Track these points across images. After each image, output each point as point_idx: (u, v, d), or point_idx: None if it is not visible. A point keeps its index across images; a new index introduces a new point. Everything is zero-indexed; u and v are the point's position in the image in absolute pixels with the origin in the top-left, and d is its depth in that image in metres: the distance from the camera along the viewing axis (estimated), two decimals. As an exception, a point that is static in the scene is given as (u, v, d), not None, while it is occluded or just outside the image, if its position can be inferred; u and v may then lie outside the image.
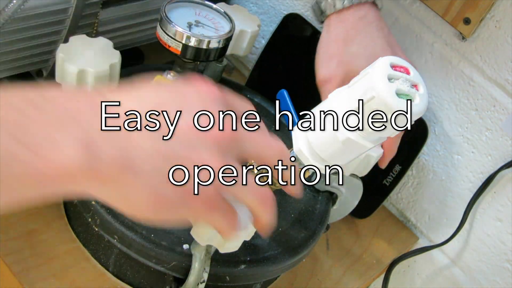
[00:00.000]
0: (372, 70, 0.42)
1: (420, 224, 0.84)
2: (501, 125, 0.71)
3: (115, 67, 0.56)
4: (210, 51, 0.58)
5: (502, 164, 0.71)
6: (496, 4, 0.66)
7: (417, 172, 0.81)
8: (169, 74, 0.60)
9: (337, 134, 0.44)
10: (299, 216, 0.63)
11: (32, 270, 0.56)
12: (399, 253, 0.80)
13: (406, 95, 0.42)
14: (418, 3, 0.73)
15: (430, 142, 0.78)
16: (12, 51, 0.59)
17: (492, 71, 0.70)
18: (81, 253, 0.59)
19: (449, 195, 0.79)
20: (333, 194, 0.67)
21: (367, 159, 0.59)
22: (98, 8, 0.63)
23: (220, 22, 0.61)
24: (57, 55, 0.54)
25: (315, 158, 0.47)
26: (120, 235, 0.53)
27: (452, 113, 0.75)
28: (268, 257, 0.57)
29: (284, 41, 0.84)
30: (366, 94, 0.42)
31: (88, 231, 0.58)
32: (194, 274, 0.51)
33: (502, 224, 0.74)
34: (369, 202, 0.78)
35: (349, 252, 0.76)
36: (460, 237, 0.78)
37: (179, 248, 0.53)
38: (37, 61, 0.64)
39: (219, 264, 0.53)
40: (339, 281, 0.72)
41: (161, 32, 0.57)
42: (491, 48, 0.69)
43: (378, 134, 0.44)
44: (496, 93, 0.70)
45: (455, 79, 0.73)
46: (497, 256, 0.76)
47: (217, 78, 0.74)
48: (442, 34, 0.73)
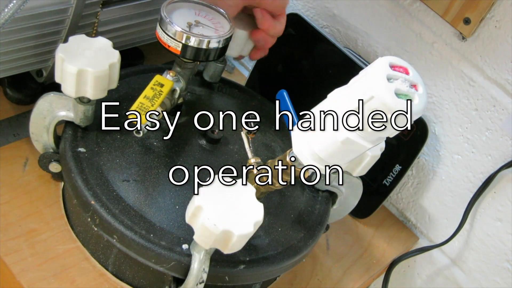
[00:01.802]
0: (371, 70, 0.42)
1: (420, 224, 0.84)
2: (501, 125, 0.71)
3: (115, 67, 0.56)
4: (210, 51, 0.58)
5: (502, 164, 0.71)
6: (496, 4, 0.66)
7: (417, 172, 0.81)
8: (168, 74, 0.60)
9: (336, 134, 0.45)
10: (299, 216, 0.63)
11: (32, 270, 0.56)
12: (399, 253, 0.80)
13: (405, 95, 0.42)
14: (418, 3, 0.73)
15: (430, 142, 0.78)
16: (12, 51, 0.59)
17: (492, 71, 0.70)
18: (81, 253, 0.59)
19: (449, 195, 0.79)
20: (333, 194, 0.67)
21: (368, 159, 0.59)
22: (98, 8, 0.63)
23: (220, 22, 0.61)
24: (57, 55, 0.54)
25: (315, 158, 0.47)
26: (120, 235, 0.53)
27: (452, 113, 0.75)
28: (268, 257, 0.57)
29: (284, 41, 0.84)
30: (366, 94, 0.42)
31: (88, 231, 0.58)
32: (193, 274, 0.51)
33: (502, 224, 0.74)
34: (369, 202, 0.78)
35: (349, 252, 0.76)
36: (460, 237, 0.78)
37: (178, 248, 0.53)
38: (37, 61, 0.64)
39: (218, 264, 0.53)
40: (339, 281, 0.72)
41: (161, 32, 0.57)
42: (491, 48, 0.69)
43: (378, 134, 0.44)
44: (496, 93, 0.70)
45: (455, 79, 0.73)
46: (497, 256, 0.76)
47: (217, 78, 0.74)
48: (442, 34, 0.73)
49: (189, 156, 0.62)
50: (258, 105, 0.75)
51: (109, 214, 0.53)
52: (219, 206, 0.47)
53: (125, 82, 0.67)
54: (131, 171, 0.58)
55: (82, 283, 0.57)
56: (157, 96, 0.56)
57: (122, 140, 0.60)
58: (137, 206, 0.55)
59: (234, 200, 0.48)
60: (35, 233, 0.59)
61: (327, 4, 0.84)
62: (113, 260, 0.58)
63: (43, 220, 0.61)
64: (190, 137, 0.64)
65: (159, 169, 0.59)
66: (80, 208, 0.55)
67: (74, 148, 0.58)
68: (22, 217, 0.60)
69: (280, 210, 0.62)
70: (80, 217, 0.59)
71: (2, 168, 0.63)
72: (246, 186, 0.50)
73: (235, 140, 0.66)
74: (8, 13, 0.49)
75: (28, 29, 0.58)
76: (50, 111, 0.59)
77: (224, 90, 0.75)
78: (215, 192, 0.48)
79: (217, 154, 0.64)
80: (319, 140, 0.46)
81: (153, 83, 0.57)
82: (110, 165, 0.58)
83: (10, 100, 0.70)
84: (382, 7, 0.78)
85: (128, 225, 0.53)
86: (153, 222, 0.54)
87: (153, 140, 0.62)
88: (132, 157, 0.59)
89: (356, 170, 0.61)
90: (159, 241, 0.53)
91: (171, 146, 0.62)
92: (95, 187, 0.55)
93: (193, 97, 0.70)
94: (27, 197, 0.62)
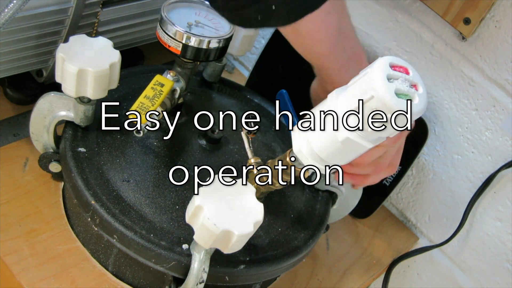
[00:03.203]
0: (371, 70, 0.42)
1: (420, 224, 0.84)
2: (501, 125, 0.71)
3: (115, 67, 0.56)
4: (210, 51, 0.58)
5: (502, 164, 0.71)
6: (496, 4, 0.66)
7: (417, 172, 0.81)
8: (168, 74, 0.60)
9: (336, 134, 0.45)
10: (299, 216, 0.63)
11: (32, 270, 0.56)
12: (399, 253, 0.80)
13: (405, 95, 0.42)
14: (418, 3, 0.73)
15: (430, 142, 0.78)
16: (12, 51, 0.59)
17: (492, 71, 0.70)
18: (81, 253, 0.59)
19: (449, 195, 0.79)
20: (333, 194, 0.67)
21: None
22: (98, 8, 0.63)
23: (220, 22, 0.61)
24: (57, 55, 0.54)
25: (315, 158, 0.47)
26: (120, 235, 0.53)
27: (452, 113, 0.75)
28: (268, 257, 0.57)
29: (284, 41, 0.84)
30: (366, 94, 0.42)
31: (88, 231, 0.58)
32: (193, 274, 0.51)
33: (502, 224, 0.74)
34: (369, 202, 0.78)
35: (349, 252, 0.76)
36: (460, 237, 0.78)
37: (178, 248, 0.53)
38: (37, 61, 0.64)
39: (218, 264, 0.53)
40: (339, 281, 0.72)
41: (161, 32, 0.57)
42: (491, 48, 0.69)
43: (378, 134, 0.44)
44: (496, 93, 0.70)
45: (455, 79, 0.73)
46: (497, 256, 0.76)
47: (217, 78, 0.74)
48: (442, 34, 0.73)
49: (189, 156, 0.62)
50: (258, 105, 0.75)
51: (109, 214, 0.53)
52: (219, 206, 0.47)
53: (125, 82, 0.67)
54: (131, 171, 0.58)
55: (82, 283, 0.57)
56: (157, 96, 0.56)
57: (122, 140, 0.60)
58: (137, 206, 0.55)
59: (234, 200, 0.48)
60: (35, 233, 0.59)
61: (327, 4, 0.84)
62: (113, 260, 0.58)
63: (43, 220, 0.61)
64: (190, 137, 0.64)
65: (159, 169, 0.59)
66: (80, 208, 0.55)
67: (74, 148, 0.58)
68: (22, 217, 0.60)
69: (280, 210, 0.62)
70: (80, 217, 0.59)
71: (2, 168, 0.63)
72: (246, 186, 0.50)
73: (235, 140, 0.66)
74: (8, 13, 0.49)
75: (28, 29, 0.58)
76: (50, 111, 0.59)
77: (224, 90, 0.75)
78: (215, 192, 0.48)
79: (217, 154, 0.64)
80: (319, 140, 0.46)
81: (153, 83, 0.57)
82: (110, 165, 0.58)
83: (10, 100, 0.70)
84: (382, 7, 0.78)
85: (128, 225, 0.53)
86: (153, 222, 0.54)
87: (153, 140, 0.62)
88: (132, 157, 0.59)
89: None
90: (159, 241, 0.53)
91: (171, 146, 0.62)
92: (95, 187, 0.55)
93: (193, 97, 0.70)
94: (27, 197, 0.62)
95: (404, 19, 0.76)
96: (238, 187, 0.50)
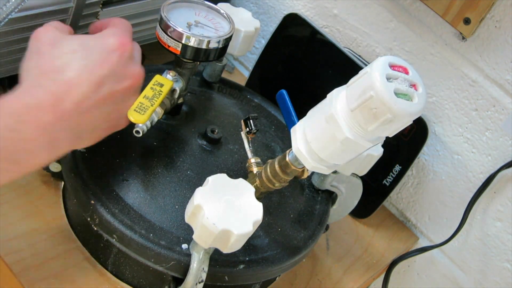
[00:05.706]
0: (370, 70, 0.42)
1: (420, 224, 0.84)
2: (501, 125, 0.71)
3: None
4: (209, 51, 0.58)
5: (502, 164, 0.71)
6: (496, 4, 0.66)
7: (417, 172, 0.81)
8: (168, 74, 0.60)
9: (336, 134, 0.45)
10: (299, 216, 0.63)
11: (32, 270, 0.56)
12: (399, 253, 0.80)
13: (405, 94, 0.42)
14: (418, 3, 0.73)
15: (430, 142, 0.78)
16: (12, 51, 0.59)
17: (492, 71, 0.70)
18: (81, 253, 0.59)
19: (449, 195, 0.79)
20: (333, 194, 0.67)
21: (368, 159, 0.59)
22: (98, 8, 0.63)
23: (220, 23, 0.61)
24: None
25: (314, 158, 0.47)
26: (119, 235, 0.53)
27: (452, 113, 0.75)
28: (268, 257, 0.57)
29: (284, 41, 0.84)
30: (365, 94, 0.42)
31: (88, 230, 0.58)
32: (193, 274, 0.51)
33: (502, 224, 0.74)
34: (369, 202, 0.78)
35: (349, 252, 0.76)
36: (460, 237, 0.78)
37: (178, 247, 0.53)
38: (37, 61, 0.64)
39: (218, 264, 0.53)
40: (339, 281, 0.72)
41: (161, 32, 0.57)
42: (491, 48, 0.68)
43: (377, 134, 0.44)
44: (496, 93, 0.70)
45: (455, 79, 0.73)
46: (497, 256, 0.76)
47: (217, 78, 0.74)
48: (442, 34, 0.73)
49: (188, 156, 0.62)
50: (258, 105, 0.75)
51: (109, 213, 0.53)
52: (218, 205, 0.47)
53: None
54: (131, 171, 0.58)
55: (82, 283, 0.57)
56: (156, 96, 0.56)
57: (121, 140, 0.60)
58: (137, 206, 0.55)
59: (234, 200, 0.48)
60: (35, 233, 0.59)
61: (327, 4, 0.84)
62: (113, 260, 0.58)
63: (43, 220, 0.61)
64: (190, 137, 0.64)
65: (159, 169, 0.59)
66: (80, 208, 0.55)
67: (74, 148, 0.58)
68: (22, 217, 0.60)
69: (280, 210, 0.62)
70: (80, 217, 0.59)
71: (2, 168, 0.63)
72: (246, 185, 0.50)
73: (235, 140, 0.66)
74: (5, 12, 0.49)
75: (28, 29, 0.58)
76: (50, 111, 0.59)
77: (224, 90, 0.75)
78: (214, 192, 0.48)
79: (217, 154, 0.64)
80: (319, 140, 0.46)
81: (152, 83, 0.57)
82: (110, 165, 0.58)
83: (10, 100, 0.70)
84: (382, 7, 0.78)
85: (127, 224, 0.53)
86: (153, 222, 0.54)
87: (152, 140, 0.62)
88: (132, 157, 0.59)
89: (364, 171, 0.61)
90: (159, 241, 0.53)
91: (171, 146, 0.62)
92: (95, 187, 0.55)
93: (193, 97, 0.70)
94: (27, 197, 0.62)
95: (404, 19, 0.76)
96: (238, 187, 0.50)
